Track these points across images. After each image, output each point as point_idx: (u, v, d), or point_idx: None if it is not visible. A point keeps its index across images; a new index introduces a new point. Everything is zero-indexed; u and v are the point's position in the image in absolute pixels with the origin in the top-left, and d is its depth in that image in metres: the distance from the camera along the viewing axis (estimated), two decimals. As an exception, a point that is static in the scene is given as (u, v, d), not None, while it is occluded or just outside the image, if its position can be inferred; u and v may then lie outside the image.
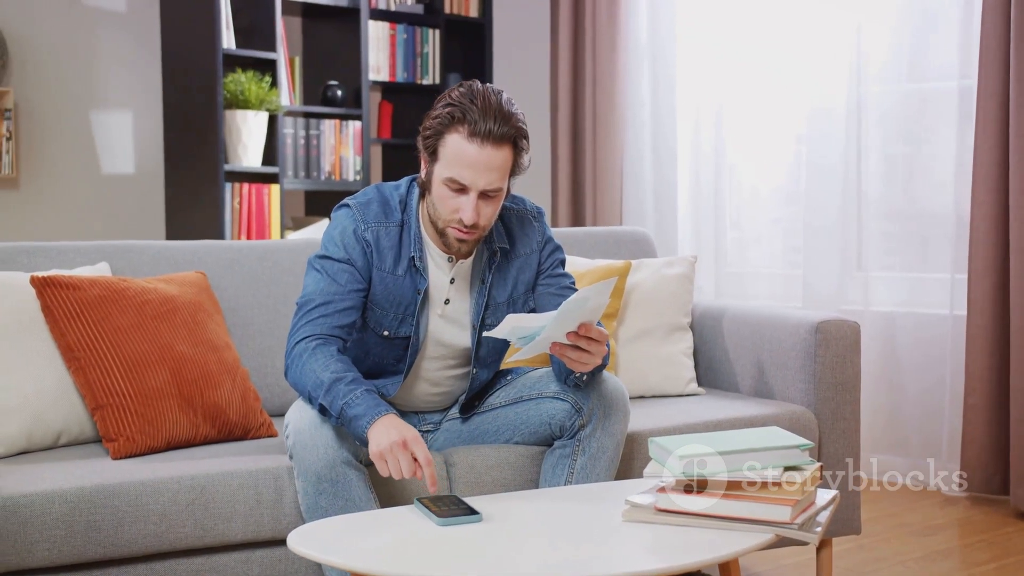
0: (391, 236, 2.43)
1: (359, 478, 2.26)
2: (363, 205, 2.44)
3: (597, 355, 2.28)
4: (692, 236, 4.83)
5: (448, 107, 2.31)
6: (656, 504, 2.04)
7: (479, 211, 2.33)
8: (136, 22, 4.61)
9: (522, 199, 2.61)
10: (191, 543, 2.31)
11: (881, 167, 4.36)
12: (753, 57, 4.67)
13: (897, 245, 4.35)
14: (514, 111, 2.33)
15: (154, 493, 2.27)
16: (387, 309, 2.44)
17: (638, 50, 4.93)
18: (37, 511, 2.17)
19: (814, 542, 2.01)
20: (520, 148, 2.35)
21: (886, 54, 4.30)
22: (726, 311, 3.26)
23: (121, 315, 2.55)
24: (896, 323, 4.25)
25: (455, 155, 2.30)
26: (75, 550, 2.20)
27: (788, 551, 3.32)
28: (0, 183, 4.38)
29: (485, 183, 2.31)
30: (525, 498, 2.23)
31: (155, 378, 2.53)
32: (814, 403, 2.95)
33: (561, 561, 1.90)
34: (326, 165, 4.70)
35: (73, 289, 2.53)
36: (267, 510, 2.36)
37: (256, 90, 4.36)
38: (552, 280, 2.57)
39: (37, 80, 4.44)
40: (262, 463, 2.40)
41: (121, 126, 4.64)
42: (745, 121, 4.74)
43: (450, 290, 2.48)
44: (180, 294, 2.70)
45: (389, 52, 4.90)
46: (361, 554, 1.89)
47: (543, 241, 2.57)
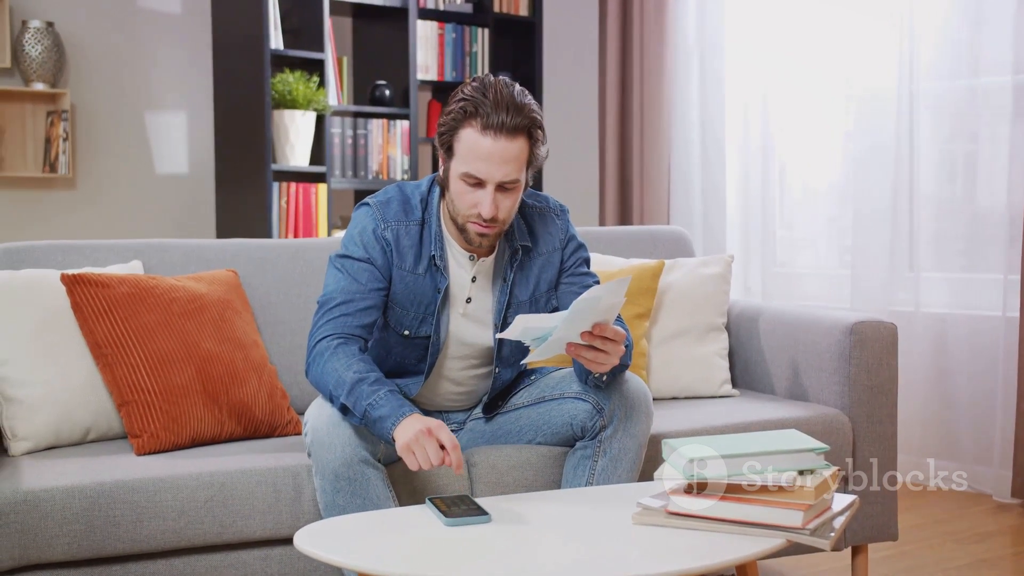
0: (411, 235, 2.42)
1: (377, 476, 2.26)
2: (383, 204, 2.44)
3: (614, 355, 2.25)
4: (740, 235, 4.77)
5: (461, 102, 2.31)
6: (667, 507, 2.01)
7: (497, 204, 2.31)
8: (189, 24, 4.68)
9: (545, 196, 2.58)
10: (210, 539, 2.32)
11: (932, 165, 4.27)
12: (802, 52, 4.60)
13: (949, 245, 4.25)
14: (527, 102, 2.31)
15: (172, 489, 2.29)
16: (407, 308, 2.43)
17: (686, 47, 4.88)
18: (57, 506, 2.20)
19: (827, 548, 1.96)
20: (535, 139, 2.33)
21: (937, 48, 4.21)
22: (763, 312, 3.21)
23: (148, 312, 2.59)
24: (947, 325, 4.15)
25: (470, 149, 2.29)
26: (94, 545, 2.23)
27: (822, 557, 3.25)
28: (57, 183, 4.47)
29: (501, 175, 2.29)
30: (537, 499, 2.21)
31: (180, 375, 2.55)
32: (848, 406, 2.89)
33: (565, 563, 1.88)
34: (374, 164, 4.72)
35: (102, 287, 2.57)
36: (286, 507, 2.37)
37: (303, 90, 4.40)
38: (575, 279, 2.54)
39: (93, 82, 4.53)
40: (282, 461, 2.41)
41: (175, 127, 4.71)
42: (794, 119, 4.67)
43: (472, 288, 2.47)
44: (209, 292, 2.73)
45: (438, 51, 4.91)
46: (364, 554, 1.89)
47: (566, 239, 2.54)
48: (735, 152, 4.80)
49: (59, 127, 4.36)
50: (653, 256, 3.33)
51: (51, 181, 4.46)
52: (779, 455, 2.00)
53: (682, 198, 4.88)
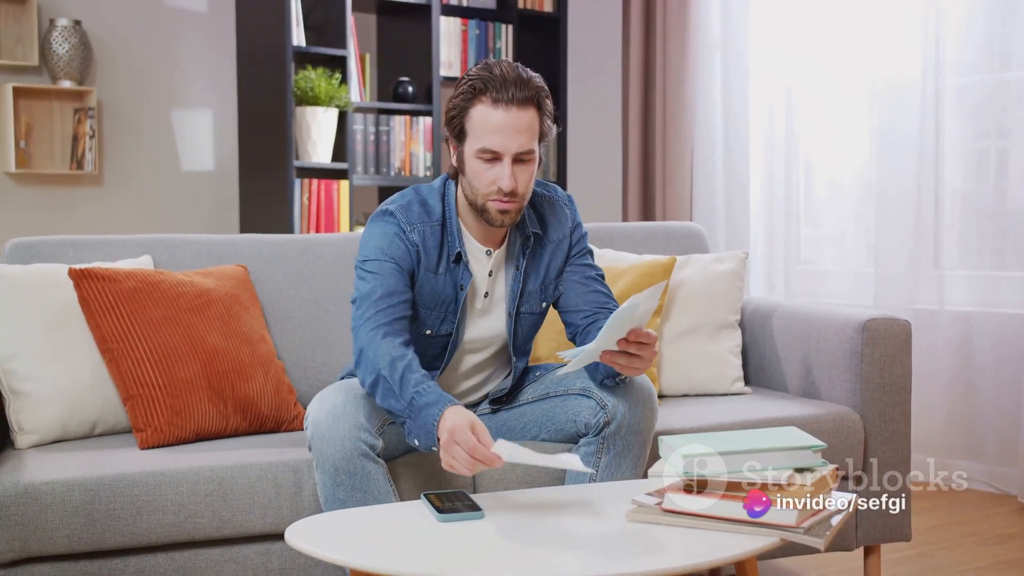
0: (435, 235, 2.43)
1: (378, 471, 2.25)
2: (405, 208, 2.44)
3: (648, 358, 2.25)
4: (764, 233, 4.73)
5: (468, 83, 2.34)
6: (661, 504, 2.00)
7: (516, 176, 2.33)
8: (214, 21, 4.70)
9: (554, 186, 2.60)
10: (209, 534, 2.33)
11: (957, 162, 4.20)
12: (827, 47, 4.56)
13: (974, 242, 4.18)
14: (532, 76, 2.36)
15: (172, 483, 2.30)
16: (431, 308, 2.44)
17: (709, 41, 4.84)
18: (57, 498, 2.22)
19: (822, 547, 1.93)
20: (544, 110, 2.37)
21: (964, 42, 4.14)
22: (777, 308, 3.17)
23: (154, 307, 2.60)
24: (972, 323, 4.08)
25: (482, 124, 2.32)
26: (94, 538, 2.25)
27: (837, 557, 3.21)
28: (84, 180, 4.51)
29: (517, 146, 2.31)
30: (534, 496, 2.19)
31: (185, 370, 2.56)
32: (860, 404, 2.85)
33: (552, 559, 1.86)
34: (396, 161, 4.72)
35: (109, 281, 2.59)
36: (286, 502, 2.37)
37: (326, 87, 4.40)
38: (578, 268, 2.55)
39: (120, 79, 4.56)
40: (283, 455, 2.41)
41: (201, 124, 4.74)
42: (819, 114, 4.62)
43: (488, 283, 2.48)
44: (216, 287, 2.74)
45: (461, 48, 4.90)
46: (352, 549, 1.89)
47: (573, 227, 2.56)
48: (759, 148, 4.75)
49: (86, 124, 4.40)
50: (667, 252, 3.31)
51: (78, 178, 4.50)
52: (775, 452, 1.97)
53: (705, 195, 4.85)
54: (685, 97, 4.86)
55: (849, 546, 2.85)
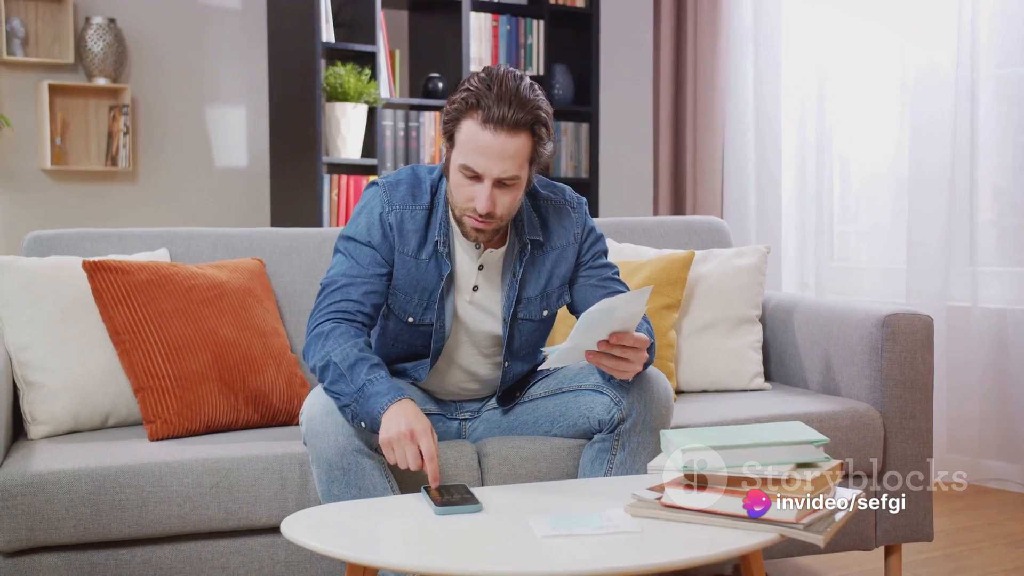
0: (416, 219, 2.39)
1: (373, 466, 2.23)
2: (392, 185, 2.41)
3: (637, 363, 2.21)
4: (796, 228, 4.66)
5: (465, 92, 2.25)
6: (661, 499, 1.97)
7: (494, 200, 2.26)
8: (247, 18, 4.73)
9: (562, 188, 2.52)
10: (215, 525, 2.33)
11: (993, 155, 4.11)
12: (860, 40, 4.49)
13: (1010, 238, 4.09)
14: (532, 97, 2.24)
15: (178, 474, 2.31)
16: (411, 295, 2.40)
17: (741, 34, 4.79)
18: (64, 488, 2.23)
19: (821, 544, 1.89)
20: (539, 136, 2.26)
21: (1000, 34, 4.05)
22: (798, 304, 3.12)
23: (167, 299, 2.61)
24: (1007, 321, 3.99)
25: (469, 142, 2.24)
26: (100, 528, 2.26)
27: (858, 556, 3.15)
28: (118, 177, 4.56)
29: (499, 171, 2.23)
30: (535, 490, 2.17)
31: (196, 362, 2.57)
32: (880, 401, 2.80)
33: (546, 552, 1.84)
34: (425, 157, 4.72)
35: (122, 273, 2.60)
36: (292, 495, 2.37)
37: (355, 83, 4.41)
38: (593, 272, 2.49)
39: (153, 77, 4.60)
40: (290, 448, 2.41)
41: (234, 120, 4.77)
42: (852, 108, 4.55)
43: (478, 277, 2.43)
44: (230, 280, 2.74)
45: (492, 44, 4.89)
46: (346, 541, 1.88)
47: (583, 232, 2.48)
48: (791, 142, 4.69)
49: (120, 121, 4.45)
50: (689, 247, 3.27)
51: (112, 174, 4.54)
52: (776, 447, 1.94)
53: (736, 190, 4.79)
54: (716, 91, 4.81)
55: (868, 545, 2.80)
